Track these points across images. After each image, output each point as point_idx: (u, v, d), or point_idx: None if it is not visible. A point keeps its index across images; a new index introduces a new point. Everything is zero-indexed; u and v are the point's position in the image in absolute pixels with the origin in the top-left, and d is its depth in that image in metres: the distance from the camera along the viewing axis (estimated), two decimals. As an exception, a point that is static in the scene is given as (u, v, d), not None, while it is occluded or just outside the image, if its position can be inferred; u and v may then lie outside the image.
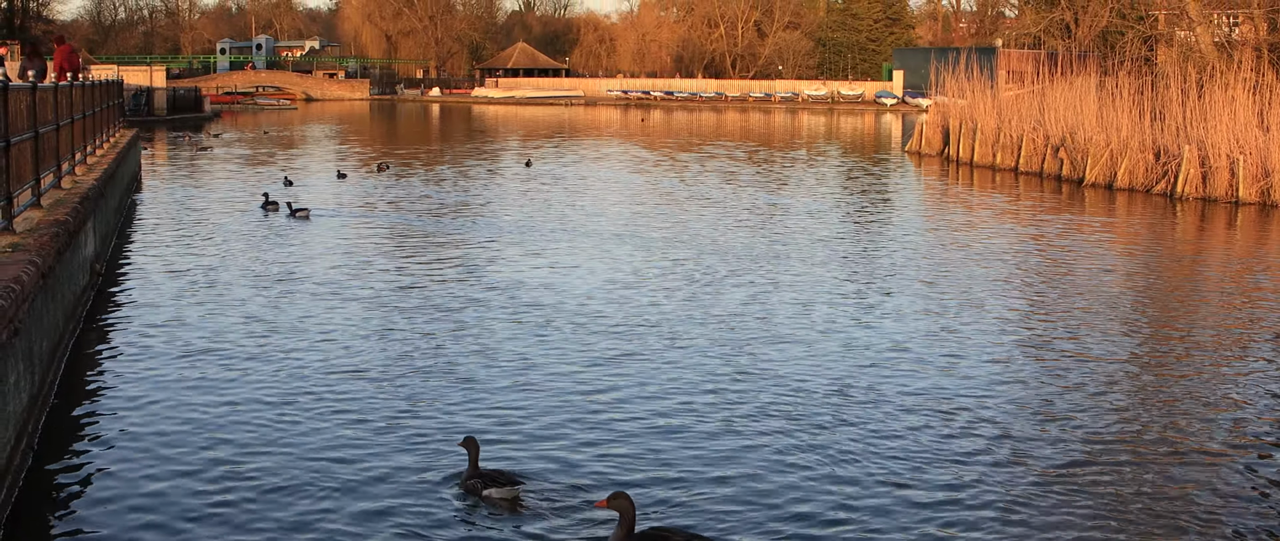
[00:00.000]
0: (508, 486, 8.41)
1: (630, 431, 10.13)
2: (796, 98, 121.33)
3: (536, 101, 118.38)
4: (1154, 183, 31.47)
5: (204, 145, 47.63)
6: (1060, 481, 9.03)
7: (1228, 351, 13.73)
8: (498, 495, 8.37)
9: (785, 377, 11.88)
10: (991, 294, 16.86)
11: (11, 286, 8.79)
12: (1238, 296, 17.37)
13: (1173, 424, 10.65)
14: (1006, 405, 11.11)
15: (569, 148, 50.99)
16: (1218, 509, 8.58)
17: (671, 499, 8.57)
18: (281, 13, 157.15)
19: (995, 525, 8.19)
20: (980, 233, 23.90)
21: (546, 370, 12.10)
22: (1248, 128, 29.54)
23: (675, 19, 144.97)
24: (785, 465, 9.30)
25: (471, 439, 8.82)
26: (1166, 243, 23.26)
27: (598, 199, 29.08)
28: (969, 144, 42.11)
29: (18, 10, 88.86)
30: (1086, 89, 37.73)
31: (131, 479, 8.80)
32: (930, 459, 9.48)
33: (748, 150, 50.80)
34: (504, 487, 8.39)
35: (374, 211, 26.34)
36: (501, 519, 8.15)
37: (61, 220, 12.90)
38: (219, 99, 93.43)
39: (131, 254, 19.58)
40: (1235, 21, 43.91)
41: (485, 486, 8.43)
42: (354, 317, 14.47)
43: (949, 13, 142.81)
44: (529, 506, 8.33)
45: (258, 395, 11.00)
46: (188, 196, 28.72)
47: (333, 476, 8.89)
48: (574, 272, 18.14)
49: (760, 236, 22.52)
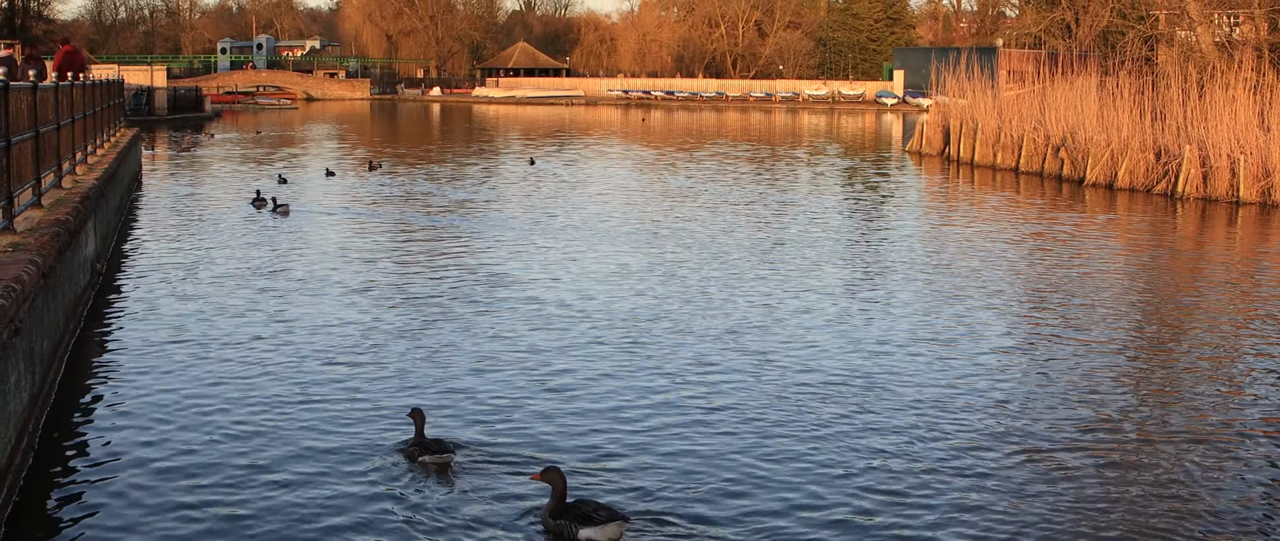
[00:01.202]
0: (440, 453, 9.03)
1: (593, 412, 10.65)
2: (797, 97, 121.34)
3: (537, 101, 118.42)
4: (1155, 182, 31.47)
5: (185, 146, 47.80)
6: (1060, 479, 9.03)
7: (1229, 349, 13.73)
8: (430, 461, 9.01)
9: (783, 370, 11.89)
10: (992, 292, 16.86)
11: (12, 286, 8.79)
12: (1239, 295, 17.37)
13: (1174, 421, 10.64)
14: (1006, 402, 11.10)
15: (569, 146, 51.00)
16: (1218, 507, 8.58)
17: (629, 477, 8.90)
18: (282, 12, 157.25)
19: (995, 521, 8.19)
20: (981, 232, 23.90)
21: (523, 354, 12.47)
22: (1248, 127, 29.54)
23: (676, 19, 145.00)
24: (773, 454, 9.31)
25: (418, 410, 9.45)
26: (1167, 242, 23.26)
27: (596, 195, 29.08)
28: (969, 144, 42.12)
29: (18, 10, 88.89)
30: (1087, 89, 37.74)
31: (133, 478, 8.80)
32: (928, 455, 9.47)
33: (748, 150, 50.80)
34: (437, 454, 9.03)
35: (361, 208, 26.59)
36: (437, 484, 8.71)
37: (62, 220, 12.90)
38: (220, 98, 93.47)
39: (132, 253, 19.60)
40: (1236, 21, 43.92)
41: (421, 453, 9.06)
42: (354, 314, 14.48)
43: (949, 12, 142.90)
44: (459, 473, 8.89)
45: (259, 392, 11.00)
46: (188, 195, 28.75)
47: (339, 473, 8.89)
48: (570, 266, 18.30)
49: (759, 234, 22.51)
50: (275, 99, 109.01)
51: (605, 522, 7.57)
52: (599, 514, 7.64)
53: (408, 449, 9.22)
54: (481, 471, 9.02)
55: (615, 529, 7.60)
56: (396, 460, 9.16)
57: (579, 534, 7.56)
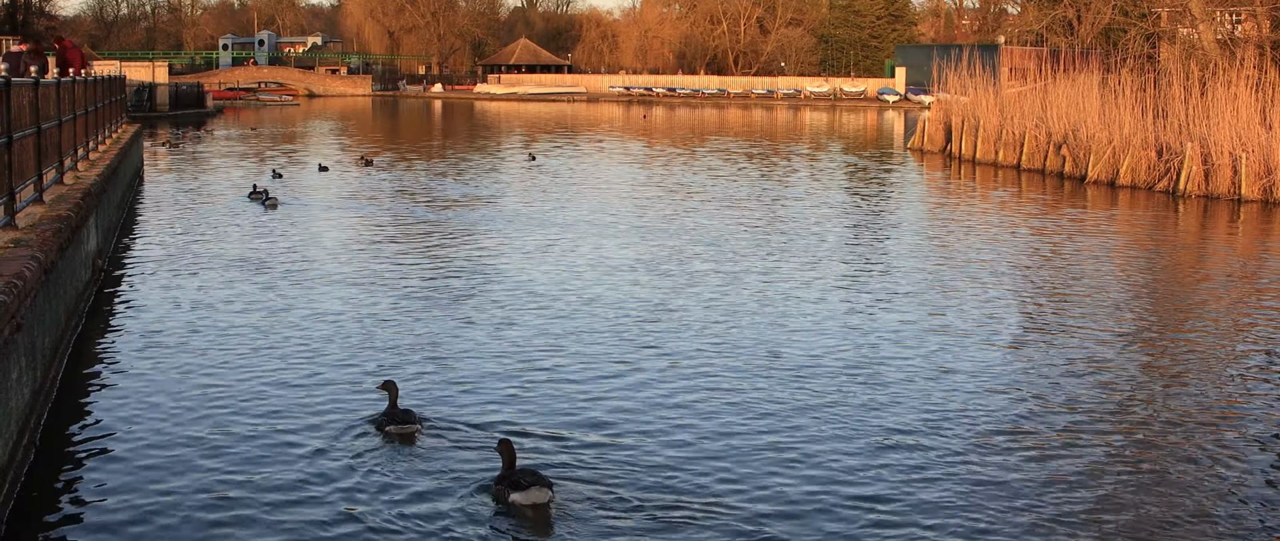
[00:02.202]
0: (405, 424, 9.76)
1: (567, 388, 11.06)
2: (799, 94, 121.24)
3: (538, 98, 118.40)
4: (1156, 180, 31.45)
5: (174, 143, 47.88)
6: (1061, 477, 9.03)
7: (1230, 347, 13.72)
8: (395, 430, 9.71)
9: (780, 364, 11.90)
10: (992, 289, 16.86)
11: (14, 282, 8.80)
12: (1240, 292, 17.37)
13: (1176, 418, 10.64)
14: (1007, 399, 11.10)
15: (570, 142, 50.98)
16: (1219, 505, 8.58)
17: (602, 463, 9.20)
18: (284, 9, 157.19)
19: (995, 521, 8.20)
20: (983, 229, 23.90)
21: (509, 337, 12.82)
22: (1250, 125, 29.51)
23: (678, 15, 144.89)
24: (767, 446, 9.33)
25: (390, 382, 10.22)
26: (1169, 239, 23.26)
27: (596, 191, 29.08)
28: (971, 141, 42.10)
29: (20, 5, 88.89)
30: (1089, 86, 37.70)
31: (134, 474, 8.82)
32: (927, 452, 9.49)
33: (750, 146, 50.78)
34: (402, 425, 9.75)
35: (359, 203, 26.79)
36: (400, 452, 9.36)
37: (64, 216, 12.91)
38: (222, 95, 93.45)
39: (134, 249, 19.61)
40: (1238, 19, 43.86)
41: (388, 424, 9.76)
42: (353, 308, 14.50)
43: (951, 9, 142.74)
44: (423, 443, 9.56)
45: (261, 389, 11.02)
46: (190, 191, 28.77)
47: (344, 472, 8.90)
48: (563, 256, 18.48)
49: (761, 230, 22.50)
50: (277, 95, 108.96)
51: (528, 488, 8.20)
52: (525, 479, 8.24)
53: (376, 420, 9.95)
54: (444, 440, 9.66)
55: (538, 493, 8.19)
56: (378, 440, 9.60)
57: (510, 498, 8.23)
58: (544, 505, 8.17)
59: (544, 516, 8.10)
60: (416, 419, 9.86)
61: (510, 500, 8.19)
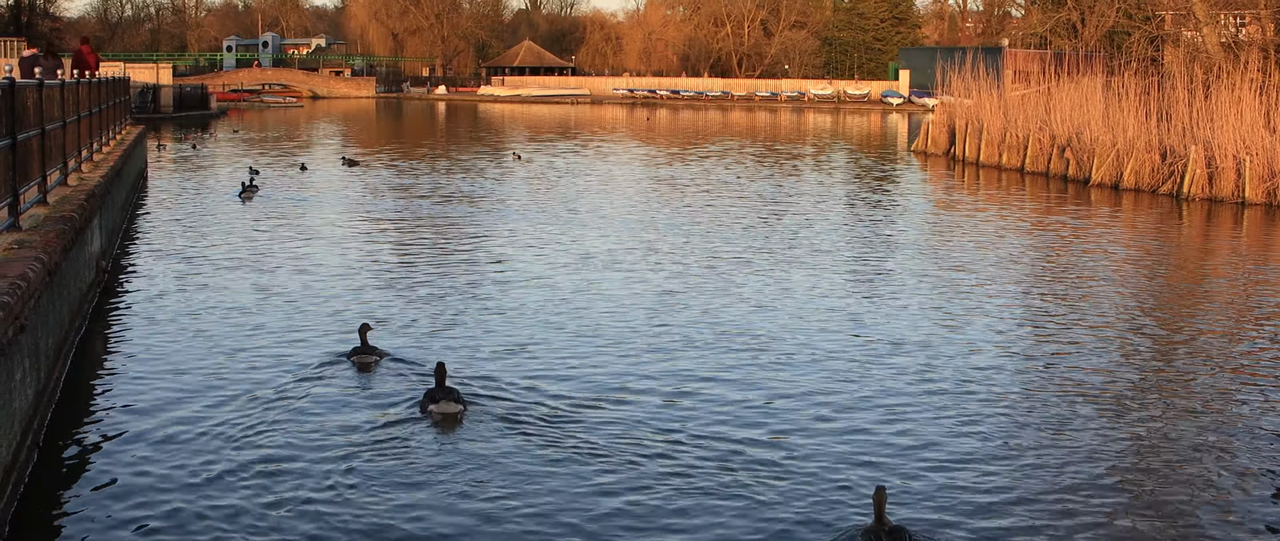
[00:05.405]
0: (367, 356, 11.67)
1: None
2: (802, 97, 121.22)
3: (542, 100, 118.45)
4: (1160, 183, 31.43)
5: (162, 144, 48.00)
6: (1059, 476, 9.03)
7: (1231, 348, 13.71)
8: (356, 359, 11.71)
9: (781, 362, 11.90)
10: (997, 291, 16.85)
11: (18, 283, 8.81)
12: (1244, 295, 17.36)
13: (1178, 417, 10.64)
14: (1009, 398, 11.10)
15: (572, 144, 51.00)
16: (1220, 504, 8.58)
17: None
18: (288, 10, 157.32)
19: (995, 515, 8.20)
20: (986, 231, 23.88)
21: (520, 318, 12.87)
22: (1254, 128, 29.48)
23: (681, 18, 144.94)
24: (763, 418, 9.33)
25: (366, 324, 11.97)
26: (1173, 242, 23.24)
27: (596, 191, 29.10)
28: (975, 143, 42.09)
29: (25, 7, 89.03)
30: (1093, 89, 37.69)
31: (137, 475, 8.82)
32: (926, 450, 9.48)
33: (753, 149, 50.78)
34: (365, 356, 11.69)
35: (358, 200, 27.00)
36: (412, 452, 9.59)
37: (68, 217, 12.92)
38: (225, 96, 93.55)
39: (137, 250, 19.64)
40: (1242, 22, 43.86)
41: (356, 354, 11.72)
42: (353, 305, 14.48)
43: (955, 12, 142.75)
44: (375, 372, 11.45)
45: (264, 390, 11.02)
46: (193, 193, 28.80)
47: (352, 471, 8.90)
48: (566, 253, 18.47)
49: (764, 232, 22.50)
50: (281, 97, 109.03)
51: (441, 400, 10.04)
52: (439, 394, 10.12)
53: (350, 353, 11.78)
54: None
55: (448, 405, 10.02)
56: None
57: (428, 407, 10.10)
58: (454, 416, 9.96)
59: (453, 424, 9.91)
60: (376, 352, 11.32)
61: (428, 410, 10.02)
